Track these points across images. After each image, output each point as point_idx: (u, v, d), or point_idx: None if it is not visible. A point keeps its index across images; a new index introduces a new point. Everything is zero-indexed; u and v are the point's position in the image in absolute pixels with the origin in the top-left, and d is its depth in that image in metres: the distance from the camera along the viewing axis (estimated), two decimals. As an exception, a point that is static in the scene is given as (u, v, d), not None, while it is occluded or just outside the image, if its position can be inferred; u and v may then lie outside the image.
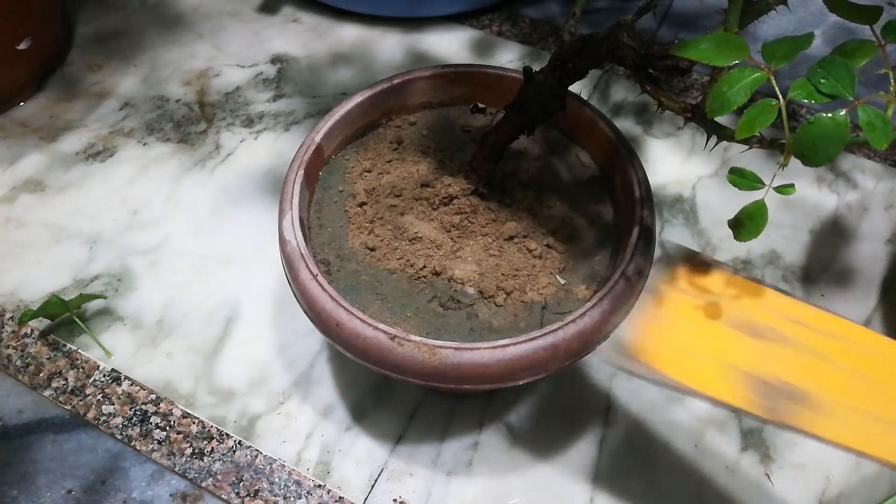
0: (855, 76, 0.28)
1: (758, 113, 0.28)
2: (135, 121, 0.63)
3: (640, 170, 0.42)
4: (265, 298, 0.53)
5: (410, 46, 0.69)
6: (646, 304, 0.37)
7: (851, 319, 0.35)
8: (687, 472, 0.45)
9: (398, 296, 0.40)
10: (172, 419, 0.47)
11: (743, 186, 0.31)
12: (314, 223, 0.43)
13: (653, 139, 0.62)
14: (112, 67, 0.67)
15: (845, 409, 0.32)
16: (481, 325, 0.39)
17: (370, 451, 0.46)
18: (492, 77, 0.47)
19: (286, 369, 0.49)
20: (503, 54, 0.68)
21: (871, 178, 0.60)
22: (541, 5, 0.73)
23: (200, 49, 0.69)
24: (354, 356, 0.38)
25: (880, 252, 0.55)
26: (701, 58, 0.29)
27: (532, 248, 0.41)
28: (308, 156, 0.43)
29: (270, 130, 0.62)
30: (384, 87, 0.46)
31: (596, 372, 0.49)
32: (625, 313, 0.39)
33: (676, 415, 0.47)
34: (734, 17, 0.31)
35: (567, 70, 0.37)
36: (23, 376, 0.49)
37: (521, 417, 0.47)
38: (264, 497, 0.44)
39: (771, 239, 0.56)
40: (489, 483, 0.45)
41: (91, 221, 0.57)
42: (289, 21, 0.72)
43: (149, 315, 0.52)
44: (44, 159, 0.60)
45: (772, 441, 0.46)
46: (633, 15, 0.34)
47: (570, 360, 0.37)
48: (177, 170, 0.60)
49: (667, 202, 0.58)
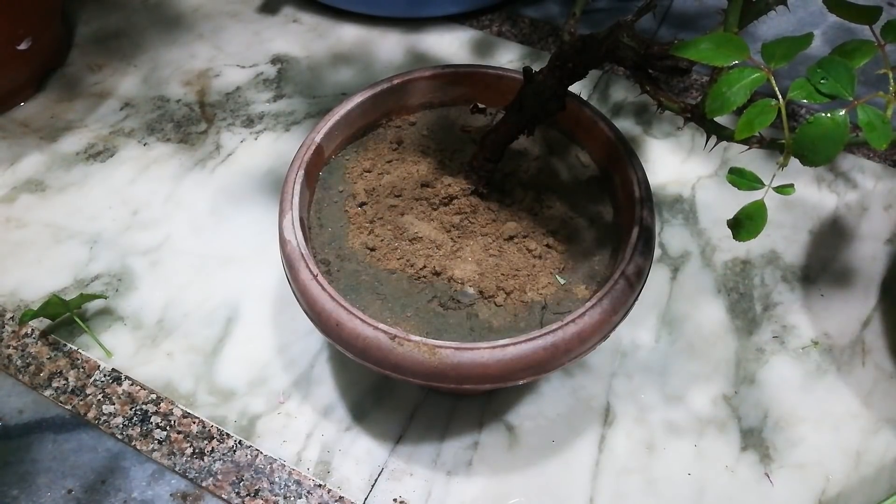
0: (854, 76, 0.28)
1: (757, 113, 0.28)
2: (135, 121, 0.63)
3: (639, 170, 0.42)
4: (265, 298, 0.53)
5: (410, 46, 0.69)
6: None
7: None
8: (687, 471, 0.45)
9: (398, 296, 0.40)
10: (173, 419, 0.47)
11: (742, 186, 0.31)
12: (314, 223, 0.43)
13: (653, 139, 0.62)
14: (112, 67, 0.67)
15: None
16: (481, 325, 0.39)
17: (370, 450, 0.46)
18: (491, 77, 0.47)
19: (286, 369, 0.49)
20: (503, 54, 0.68)
21: (871, 178, 0.60)
22: (541, 5, 0.73)
23: (201, 49, 0.69)
24: (354, 356, 0.38)
25: (880, 252, 0.55)
26: (701, 58, 0.29)
27: (532, 248, 0.41)
28: (308, 156, 0.43)
29: (271, 130, 0.62)
30: (384, 88, 0.46)
31: (596, 372, 0.49)
32: (624, 313, 0.39)
33: (676, 415, 0.47)
34: (734, 17, 0.31)
35: (567, 70, 0.37)
36: (23, 376, 0.49)
37: (521, 417, 0.47)
38: (264, 497, 0.44)
39: (770, 239, 0.56)
40: (489, 483, 0.45)
41: (91, 221, 0.57)
42: (289, 21, 0.72)
43: (149, 315, 0.52)
44: (44, 159, 0.60)
45: (772, 441, 0.46)
46: (632, 15, 0.34)
47: (569, 360, 0.37)
48: (177, 170, 0.60)
49: (666, 202, 0.58)
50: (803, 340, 0.51)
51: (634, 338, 0.51)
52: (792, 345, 0.51)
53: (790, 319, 0.52)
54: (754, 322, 0.52)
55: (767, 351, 0.50)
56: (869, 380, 0.49)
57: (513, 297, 0.40)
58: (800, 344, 0.51)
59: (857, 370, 0.49)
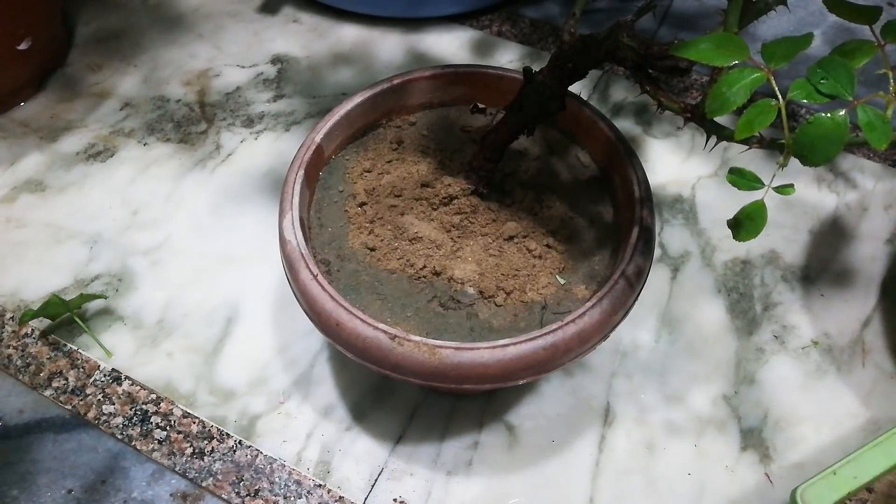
0: (854, 76, 0.28)
1: (757, 113, 0.28)
2: (135, 121, 0.63)
3: (639, 170, 0.42)
4: (265, 298, 0.53)
5: (410, 46, 0.69)
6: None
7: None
8: (687, 471, 0.45)
9: (398, 296, 0.40)
10: (173, 419, 0.47)
11: (742, 186, 0.31)
12: (314, 223, 0.43)
13: (652, 139, 0.62)
14: (112, 67, 0.67)
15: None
16: (481, 325, 0.39)
17: (370, 450, 0.46)
18: (491, 77, 0.47)
19: (286, 369, 0.49)
20: (503, 54, 0.68)
21: (871, 178, 0.60)
22: (541, 5, 0.73)
23: (201, 49, 0.69)
24: (354, 356, 0.38)
25: (880, 252, 0.55)
26: (701, 58, 0.29)
27: (532, 248, 0.41)
28: (308, 156, 0.43)
29: (271, 130, 0.62)
30: (384, 88, 0.46)
31: (596, 372, 0.49)
32: (624, 313, 0.39)
33: (676, 415, 0.47)
34: (734, 17, 0.31)
35: (567, 70, 0.37)
36: (23, 376, 0.49)
37: (521, 417, 0.47)
38: (264, 497, 0.44)
39: (770, 239, 0.56)
40: (489, 483, 0.45)
41: (91, 221, 0.57)
42: (289, 21, 0.72)
43: (149, 315, 0.52)
44: (44, 159, 0.60)
45: (772, 441, 0.46)
46: (632, 15, 0.34)
47: (569, 359, 0.37)
48: (177, 170, 0.60)
49: (666, 202, 0.58)
50: (803, 340, 0.51)
51: (634, 338, 0.51)
52: (792, 345, 0.51)
53: (790, 319, 0.52)
54: (754, 322, 0.52)
55: (767, 351, 0.50)
56: (869, 380, 0.49)
57: (513, 297, 0.40)
58: (800, 344, 0.51)
59: (857, 370, 0.49)
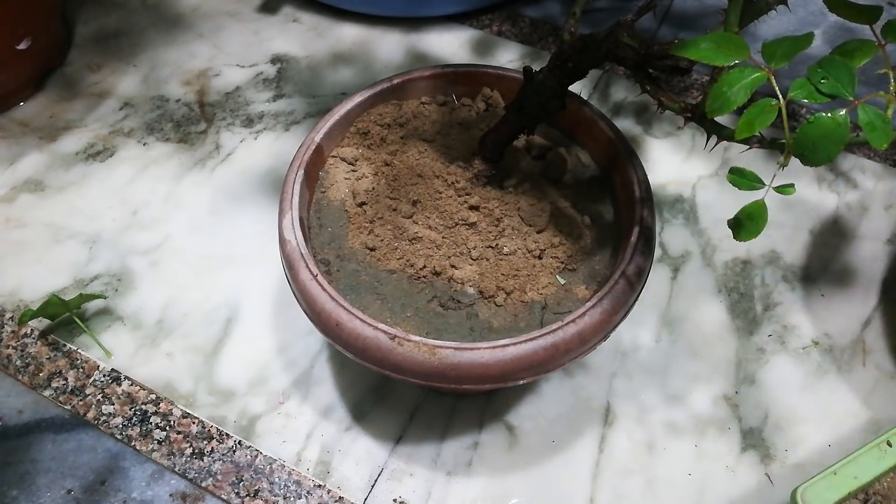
0: (855, 76, 0.28)
1: (758, 113, 0.28)
2: (135, 121, 0.63)
3: (640, 170, 0.42)
4: (265, 298, 0.53)
5: (410, 46, 0.69)
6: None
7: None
8: (687, 472, 0.45)
9: (398, 296, 0.40)
10: (172, 419, 0.47)
11: (743, 186, 0.31)
12: (314, 223, 0.43)
13: (653, 139, 0.62)
14: (112, 67, 0.67)
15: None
16: (481, 325, 0.39)
17: (370, 451, 0.46)
18: (492, 77, 0.47)
19: (286, 369, 0.49)
20: (503, 54, 0.68)
21: (871, 177, 0.60)
22: (541, 5, 0.73)
23: (200, 49, 0.69)
24: (354, 356, 0.38)
25: (880, 252, 0.55)
26: (701, 58, 0.29)
27: (532, 248, 0.41)
28: (308, 156, 0.43)
29: (270, 130, 0.62)
30: (384, 87, 0.46)
31: (596, 372, 0.49)
32: (625, 313, 0.39)
33: (676, 415, 0.47)
34: (734, 16, 0.31)
35: (567, 70, 0.37)
36: (23, 376, 0.49)
37: (521, 417, 0.47)
38: (264, 497, 0.44)
39: (771, 239, 0.56)
40: (489, 483, 0.45)
41: (91, 221, 0.57)
42: (289, 21, 0.72)
43: (149, 315, 0.52)
44: (44, 159, 0.60)
45: (772, 441, 0.46)
46: (633, 15, 0.34)
47: (569, 360, 0.37)
48: (177, 170, 0.60)
49: (667, 202, 0.58)
50: (804, 340, 0.51)
51: (634, 338, 0.51)
52: (792, 345, 0.51)
53: (790, 319, 0.52)
54: (755, 322, 0.51)
55: (768, 351, 0.50)
56: (869, 380, 0.49)
57: (513, 297, 0.40)
58: (800, 344, 0.51)
59: (857, 370, 0.49)
